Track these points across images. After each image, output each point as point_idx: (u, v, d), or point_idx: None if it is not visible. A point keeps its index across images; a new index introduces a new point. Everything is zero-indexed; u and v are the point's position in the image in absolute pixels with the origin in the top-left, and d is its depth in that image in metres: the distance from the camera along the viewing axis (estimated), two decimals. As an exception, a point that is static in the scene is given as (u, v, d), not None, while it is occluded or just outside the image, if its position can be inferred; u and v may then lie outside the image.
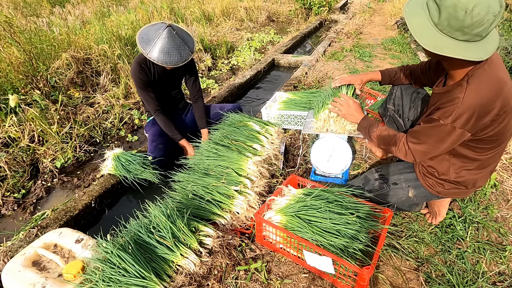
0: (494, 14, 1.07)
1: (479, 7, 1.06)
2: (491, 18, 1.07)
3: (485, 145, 1.31)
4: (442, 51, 1.14)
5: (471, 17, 1.07)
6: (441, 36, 1.15)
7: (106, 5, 7.39)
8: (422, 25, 1.17)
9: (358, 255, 1.34)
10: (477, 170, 1.42)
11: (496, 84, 1.18)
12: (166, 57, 1.93)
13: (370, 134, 1.59)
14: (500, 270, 1.48)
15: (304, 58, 4.58)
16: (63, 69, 3.57)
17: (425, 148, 1.35)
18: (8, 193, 2.22)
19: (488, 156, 1.36)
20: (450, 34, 1.13)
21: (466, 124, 1.20)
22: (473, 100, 1.17)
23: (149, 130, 2.42)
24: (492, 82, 1.18)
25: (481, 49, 1.13)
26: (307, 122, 2.05)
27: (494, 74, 1.20)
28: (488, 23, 1.09)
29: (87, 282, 1.31)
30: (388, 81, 1.89)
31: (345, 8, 9.61)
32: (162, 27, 1.93)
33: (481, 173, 1.42)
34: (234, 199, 1.75)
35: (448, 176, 1.45)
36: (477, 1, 1.06)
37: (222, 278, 1.45)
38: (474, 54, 1.12)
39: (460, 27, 1.10)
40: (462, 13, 1.07)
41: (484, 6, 1.06)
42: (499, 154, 1.39)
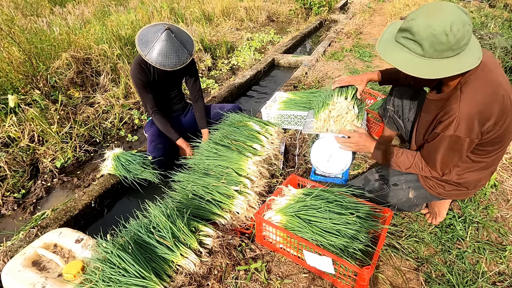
0: (468, 23, 1.10)
1: (456, 24, 1.09)
2: (468, 27, 1.11)
3: (488, 147, 1.31)
4: (442, 74, 1.14)
5: (454, 35, 1.09)
6: (433, 61, 1.16)
7: (106, 5, 7.38)
8: (409, 61, 1.19)
9: (358, 255, 1.34)
10: (479, 171, 1.41)
11: (490, 88, 1.18)
12: (164, 60, 1.93)
13: (389, 162, 1.57)
14: (500, 270, 1.48)
15: (304, 58, 4.58)
16: (63, 69, 3.57)
17: (443, 162, 1.35)
18: (8, 193, 2.22)
19: (492, 157, 1.36)
20: (440, 56, 1.15)
21: (470, 132, 1.20)
22: (469, 108, 1.17)
23: (148, 130, 2.42)
24: (487, 86, 1.18)
25: (471, 56, 1.15)
26: (307, 122, 2.05)
27: (488, 78, 1.20)
28: (469, 33, 1.12)
29: (87, 282, 1.31)
30: (387, 81, 1.89)
31: (345, 8, 9.61)
32: (161, 29, 1.93)
33: (483, 173, 1.42)
34: (234, 199, 1.75)
35: (449, 178, 1.45)
36: (451, 19, 1.09)
37: (222, 278, 1.45)
38: (469, 64, 1.14)
39: (448, 48, 1.12)
40: (444, 37, 1.10)
41: (459, 22, 1.09)
42: (501, 154, 1.39)
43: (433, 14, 1.11)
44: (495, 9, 7.55)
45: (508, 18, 5.57)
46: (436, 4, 1.14)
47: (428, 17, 1.12)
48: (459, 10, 1.11)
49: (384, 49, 1.26)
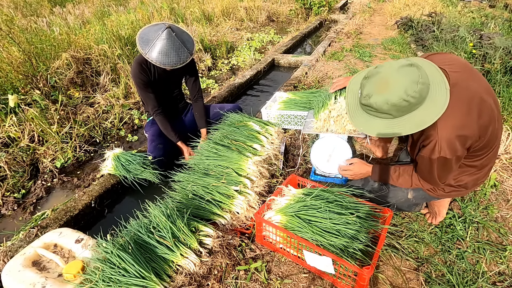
0: (420, 78, 1.12)
1: (409, 88, 1.12)
2: (421, 80, 1.12)
3: (479, 152, 1.33)
4: (424, 124, 1.17)
5: (412, 97, 1.13)
6: (409, 116, 1.19)
7: (106, 5, 7.38)
8: (387, 125, 1.23)
9: (358, 255, 1.34)
10: (475, 172, 1.42)
11: (464, 107, 1.19)
12: (165, 58, 1.94)
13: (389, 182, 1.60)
14: (500, 270, 1.48)
15: (304, 58, 4.58)
16: (63, 69, 3.57)
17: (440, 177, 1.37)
18: (8, 193, 2.22)
19: (485, 158, 1.37)
20: (412, 110, 1.18)
21: (454, 152, 1.21)
22: (447, 133, 1.19)
23: (148, 130, 2.42)
24: (460, 107, 1.19)
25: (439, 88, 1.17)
26: (307, 122, 2.05)
27: (460, 96, 1.20)
28: (425, 84, 1.14)
29: (87, 282, 1.31)
30: None
31: (345, 8, 9.61)
32: (162, 28, 1.93)
33: (479, 173, 1.43)
34: (234, 199, 1.75)
35: (448, 182, 1.46)
36: (403, 87, 1.12)
37: (222, 278, 1.45)
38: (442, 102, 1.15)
39: (413, 105, 1.16)
40: (405, 103, 1.14)
41: (411, 85, 1.12)
42: (494, 153, 1.40)
43: (384, 89, 1.15)
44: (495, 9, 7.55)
45: (508, 18, 5.56)
46: (381, 78, 1.18)
47: (381, 93, 1.16)
48: (403, 74, 1.13)
49: (359, 121, 1.31)
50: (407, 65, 1.15)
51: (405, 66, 1.15)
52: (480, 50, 3.43)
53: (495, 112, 1.28)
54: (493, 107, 1.26)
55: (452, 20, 5.62)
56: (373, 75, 1.21)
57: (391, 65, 1.18)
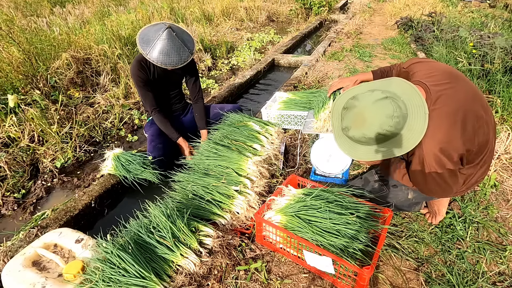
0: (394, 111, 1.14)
1: (385, 123, 1.15)
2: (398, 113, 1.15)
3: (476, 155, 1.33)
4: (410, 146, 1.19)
5: (388, 130, 1.16)
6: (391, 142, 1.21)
7: (106, 5, 7.38)
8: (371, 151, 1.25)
9: (358, 255, 1.34)
10: (474, 172, 1.42)
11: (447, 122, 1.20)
12: (165, 58, 1.94)
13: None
14: (500, 270, 1.48)
15: (304, 58, 4.58)
16: (63, 69, 3.57)
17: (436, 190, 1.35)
18: (8, 193, 2.22)
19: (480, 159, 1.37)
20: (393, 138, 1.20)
21: (443, 166, 1.21)
22: (432, 148, 1.20)
23: (148, 130, 2.42)
24: (443, 121, 1.20)
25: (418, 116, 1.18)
26: (307, 122, 2.05)
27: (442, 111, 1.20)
28: (402, 115, 1.16)
29: (87, 282, 1.31)
30: None
31: (345, 8, 9.61)
32: (162, 28, 1.93)
33: (478, 171, 1.43)
34: (234, 199, 1.75)
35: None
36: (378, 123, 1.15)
37: (222, 278, 1.45)
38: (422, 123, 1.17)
39: (392, 135, 1.19)
40: (382, 136, 1.18)
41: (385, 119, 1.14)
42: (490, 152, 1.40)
43: (361, 124, 1.19)
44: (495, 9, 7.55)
45: (508, 18, 5.56)
46: (357, 113, 1.20)
47: (357, 128, 1.20)
48: (379, 109, 1.15)
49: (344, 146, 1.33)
50: (382, 99, 1.16)
51: (381, 100, 1.16)
52: (480, 50, 3.43)
53: (484, 117, 1.29)
54: (481, 113, 1.27)
55: (452, 20, 5.62)
56: (351, 108, 1.23)
57: (367, 99, 1.19)
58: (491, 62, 3.16)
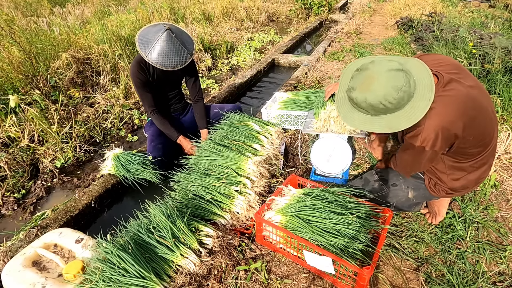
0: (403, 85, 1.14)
1: (388, 95, 1.14)
2: (405, 88, 1.14)
3: (474, 149, 1.34)
4: (398, 127, 1.21)
5: (389, 103, 1.16)
6: (386, 117, 1.22)
7: (106, 5, 7.38)
8: (365, 120, 1.27)
9: (358, 255, 1.34)
10: (476, 171, 1.43)
11: (456, 104, 1.21)
12: (165, 60, 1.94)
13: None
14: (500, 270, 1.48)
15: (304, 58, 4.58)
16: (63, 69, 3.57)
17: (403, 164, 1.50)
18: (8, 193, 2.22)
19: (483, 156, 1.38)
20: (389, 113, 1.21)
21: (433, 145, 1.25)
22: (435, 124, 1.21)
23: (148, 130, 2.42)
24: (452, 103, 1.21)
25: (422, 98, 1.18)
26: (307, 122, 2.05)
27: (452, 93, 1.22)
28: (407, 92, 1.16)
29: (87, 282, 1.31)
30: None
31: (345, 8, 9.61)
32: (161, 29, 1.93)
33: (479, 171, 1.44)
34: (234, 199, 1.75)
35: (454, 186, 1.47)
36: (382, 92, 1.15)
37: (222, 278, 1.45)
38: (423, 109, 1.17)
39: (389, 110, 1.19)
40: (381, 106, 1.18)
41: (391, 91, 1.14)
42: (492, 150, 1.41)
43: (367, 88, 1.18)
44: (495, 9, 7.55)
45: (508, 18, 5.56)
46: (368, 76, 1.19)
47: (363, 91, 1.19)
48: (388, 78, 1.14)
49: (343, 109, 1.35)
50: (396, 70, 1.15)
51: (395, 70, 1.16)
52: (480, 50, 3.43)
53: (489, 112, 1.31)
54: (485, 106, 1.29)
55: (452, 20, 5.62)
56: (364, 70, 1.22)
57: (382, 65, 1.18)
58: (491, 62, 3.16)
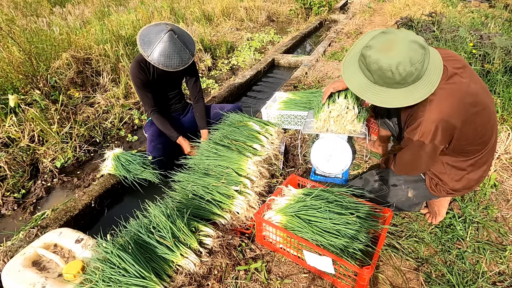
0: (419, 62, 1.13)
1: (402, 64, 1.13)
2: (418, 65, 1.13)
3: (472, 147, 1.35)
4: (389, 104, 1.21)
5: (399, 74, 1.14)
6: (383, 89, 1.22)
7: (106, 5, 7.38)
8: (363, 85, 1.26)
9: (358, 255, 1.34)
10: (477, 170, 1.43)
11: (456, 98, 1.22)
12: (167, 60, 1.94)
13: None
14: (500, 270, 1.48)
15: (304, 58, 4.58)
16: (63, 69, 3.57)
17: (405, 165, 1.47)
18: (8, 193, 2.22)
19: (481, 155, 1.39)
20: (390, 87, 1.20)
21: (433, 138, 1.25)
22: (434, 116, 1.21)
23: (148, 130, 2.42)
24: (452, 96, 1.22)
25: (425, 84, 1.18)
26: (307, 122, 2.05)
27: (453, 87, 1.22)
28: (418, 70, 1.15)
29: (87, 282, 1.31)
30: None
31: (345, 8, 9.60)
32: (164, 30, 1.93)
33: (480, 171, 1.44)
34: (234, 199, 1.75)
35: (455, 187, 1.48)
36: (398, 59, 1.12)
37: (222, 278, 1.45)
38: (421, 94, 1.18)
39: (394, 82, 1.18)
40: (389, 73, 1.15)
41: (406, 62, 1.12)
42: (491, 150, 1.41)
43: (385, 50, 1.16)
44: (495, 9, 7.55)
45: (508, 18, 5.56)
46: (391, 39, 1.17)
47: (379, 52, 1.17)
48: (409, 49, 1.13)
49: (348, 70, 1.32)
50: (419, 45, 1.14)
51: (417, 43, 1.14)
52: (480, 50, 3.42)
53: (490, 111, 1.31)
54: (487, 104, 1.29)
55: (452, 20, 5.61)
56: (389, 33, 1.20)
57: (409, 35, 1.16)
58: (491, 62, 3.16)
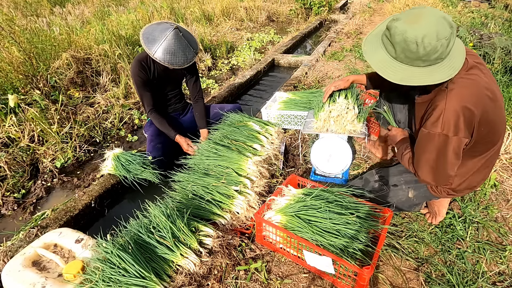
0: (445, 38, 1.10)
1: (428, 37, 1.10)
2: (444, 42, 1.11)
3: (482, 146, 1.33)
4: (408, 81, 1.17)
5: (424, 47, 1.11)
6: (404, 67, 1.18)
7: (106, 5, 7.39)
8: (383, 61, 1.22)
9: (358, 255, 1.34)
10: (479, 173, 1.43)
11: (476, 88, 1.20)
12: (172, 58, 1.95)
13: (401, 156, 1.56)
14: (500, 270, 1.48)
15: (304, 58, 4.58)
16: (63, 69, 3.57)
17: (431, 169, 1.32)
18: (8, 193, 2.22)
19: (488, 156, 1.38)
20: (411, 64, 1.17)
21: (456, 130, 1.18)
22: (456, 104, 1.17)
23: (147, 130, 2.42)
24: (472, 86, 1.20)
25: (446, 68, 1.15)
26: (307, 122, 2.05)
27: (474, 78, 1.21)
28: (443, 47, 1.12)
29: (87, 282, 1.31)
30: (372, 85, 1.83)
31: (345, 8, 9.60)
32: (169, 28, 1.94)
33: (483, 173, 1.44)
34: (234, 199, 1.75)
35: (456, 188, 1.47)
36: (425, 31, 1.09)
37: (222, 278, 1.45)
38: (441, 76, 1.15)
39: (417, 58, 1.14)
40: (414, 46, 1.12)
41: (432, 35, 1.09)
42: (497, 152, 1.41)
43: (412, 21, 1.13)
44: (495, 9, 7.55)
45: (508, 18, 5.56)
46: (419, 12, 1.15)
47: (406, 23, 1.14)
48: (438, 23, 1.11)
49: (370, 46, 1.28)
50: (448, 22, 1.12)
51: (446, 20, 1.12)
52: (480, 50, 3.42)
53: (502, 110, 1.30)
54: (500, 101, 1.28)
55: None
56: (419, 8, 1.18)
57: (438, 11, 1.15)
58: (491, 62, 3.16)
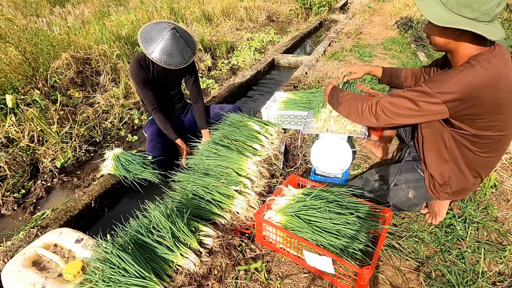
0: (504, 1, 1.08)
1: None
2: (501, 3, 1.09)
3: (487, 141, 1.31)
4: (453, 24, 1.15)
5: None
6: (450, 14, 1.16)
7: (106, 5, 7.38)
8: (431, 5, 1.20)
9: (358, 255, 1.34)
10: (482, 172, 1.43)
11: (494, 75, 1.17)
12: (169, 58, 1.95)
13: (338, 98, 1.59)
14: (500, 270, 1.48)
15: (304, 58, 4.58)
16: (63, 69, 3.57)
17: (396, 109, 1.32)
18: (8, 193, 2.22)
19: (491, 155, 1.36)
20: (458, 12, 1.14)
21: (449, 101, 1.18)
22: (466, 79, 1.16)
23: (147, 130, 2.42)
24: (491, 72, 1.17)
25: (490, 29, 1.14)
26: (307, 122, 2.05)
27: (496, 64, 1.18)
28: (496, 1, 1.09)
29: (87, 282, 1.31)
30: (387, 80, 1.87)
31: (345, 8, 9.61)
32: (166, 28, 1.94)
33: (486, 173, 1.44)
34: (234, 199, 1.75)
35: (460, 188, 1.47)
36: None
37: (222, 278, 1.45)
38: (485, 30, 1.12)
39: (469, 3, 1.11)
40: None
41: None
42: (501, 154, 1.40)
43: None
44: (495, 9, 7.54)
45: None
46: None
47: None
48: None
49: None
50: None
51: None
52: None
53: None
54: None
55: None
56: None
57: None
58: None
